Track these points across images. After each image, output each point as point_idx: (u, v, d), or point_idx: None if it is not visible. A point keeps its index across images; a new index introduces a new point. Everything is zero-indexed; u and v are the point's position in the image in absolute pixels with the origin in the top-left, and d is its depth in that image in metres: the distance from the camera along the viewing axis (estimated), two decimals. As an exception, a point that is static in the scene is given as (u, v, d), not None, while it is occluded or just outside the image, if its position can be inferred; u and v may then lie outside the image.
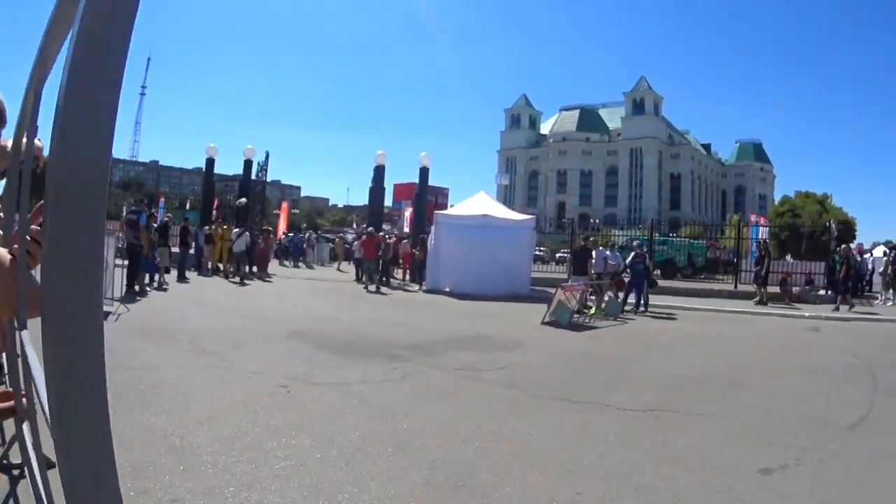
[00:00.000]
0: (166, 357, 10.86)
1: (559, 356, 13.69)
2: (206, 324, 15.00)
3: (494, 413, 8.65)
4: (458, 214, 30.11)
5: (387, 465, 6.36)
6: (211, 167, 40.63)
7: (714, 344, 16.65)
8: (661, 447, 7.46)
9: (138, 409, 7.59)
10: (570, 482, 6.18)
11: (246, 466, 6.04)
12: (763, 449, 7.57)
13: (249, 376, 9.89)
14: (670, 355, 14.48)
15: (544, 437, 7.65)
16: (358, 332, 15.26)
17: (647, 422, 8.61)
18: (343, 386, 9.62)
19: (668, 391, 10.60)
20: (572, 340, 16.15)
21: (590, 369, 12.44)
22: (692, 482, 6.35)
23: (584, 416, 8.73)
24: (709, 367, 13.10)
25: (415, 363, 11.68)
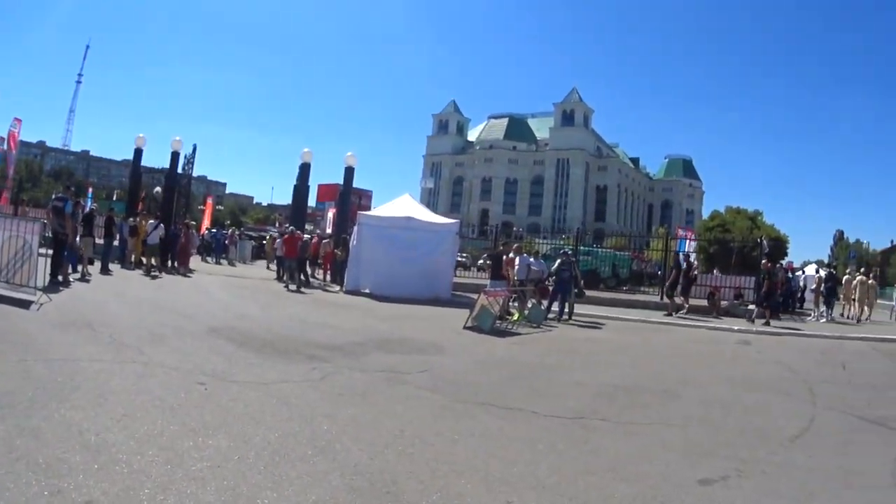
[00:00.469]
0: (85, 350, 10.66)
1: (482, 361, 13.70)
2: (126, 317, 14.81)
3: (418, 417, 8.57)
4: (381, 216, 30.04)
5: (307, 469, 6.22)
6: (139, 158, 39.76)
7: (643, 354, 16.79)
8: (592, 456, 7.44)
9: (55, 402, 7.44)
10: (501, 491, 6.09)
11: (161, 467, 5.89)
12: (701, 459, 7.59)
13: (167, 372, 9.74)
14: (597, 363, 14.66)
15: (470, 444, 7.55)
16: (277, 330, 15.17)
17: (575, 430, 8.58)
18: (262, 385, 9.52)
19: (597, 399, 10.60)
20: (495, 346, 16.17)
21: (514, 375, 12.37)
22: (628, 493, 6.29)
23: (511, 423, 8.66)
24: (638, 375, 13.24)
25: (335, 364, 11.61)
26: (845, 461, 8.00)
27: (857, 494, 6.85)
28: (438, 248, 28.66)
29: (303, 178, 37.09)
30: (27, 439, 6.22)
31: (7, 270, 15.95)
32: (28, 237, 15.88)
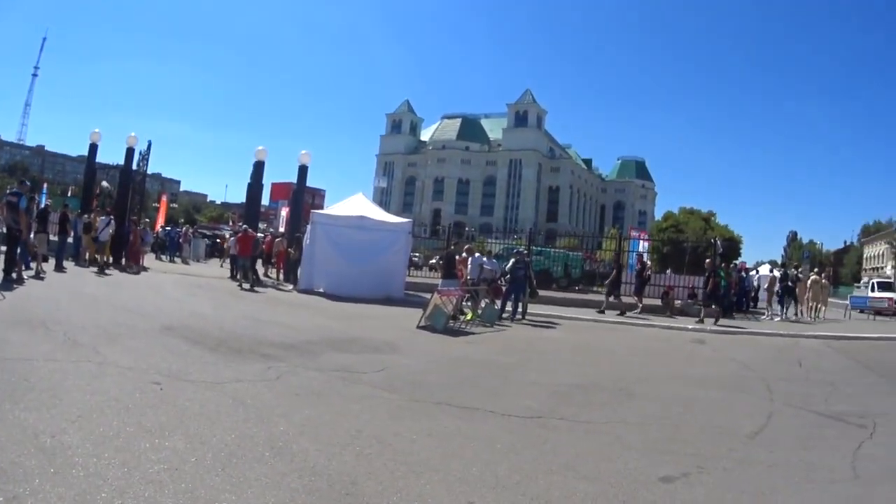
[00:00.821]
0: (39, 348, 10.55)
1: (438, 360, 13.76)
2: (81, 315, 14.65)
3: (375, 417, 8.52)
4: (334, 214, 30.22)
5: (265, 471, 6.14)
6: (94, 153, 39.01)
7: (597, 352, 17.10)
8: (551, 455, 7.41)
9: (9, 403, 7.34)
10: (461, 491, 6.07)
11: (118, 470, 5.79)
12: (662, 457, 7.62)
13: (122, 371, 9.63)
14: (552, 363, 14.79)
15: (429, 443, 7.54)
16: (231, 329, 15.12)
17: (534, 429, 8.58)
18: (217, 385, 9.45)
19: (554, 398, 10.64)
20: (450, 345, 16.28)
21: (470, 374, 12.41)
22: (590, 491, 6.30)
23: (469, 422, 8.66)
24: (594, 374, 13.47)
25: (289, 363, 11.58)
26: (806, 456, 8.12)
27: (818, 489, 6.97)
28: (391, 247, 28.86)
29: (256, 177, 36.76)
30: None
31: None
32: None
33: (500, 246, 43.32)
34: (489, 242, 47.28)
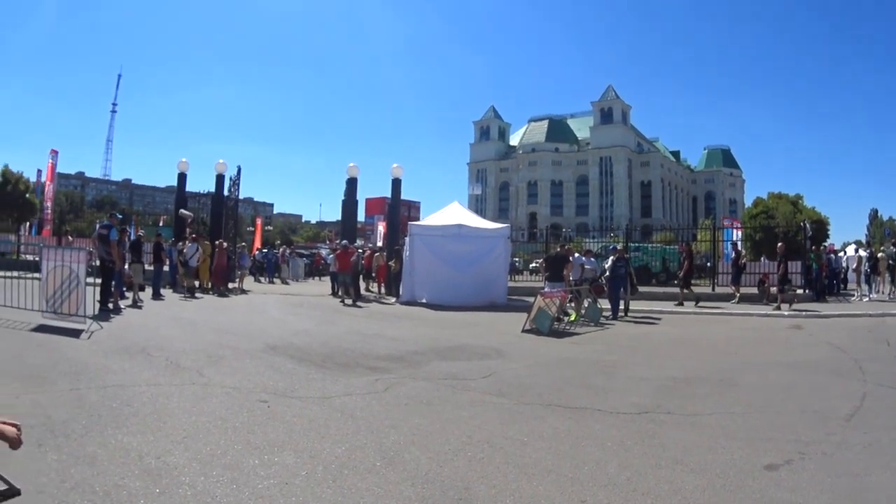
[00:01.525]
0: (141, 374, 10.54)
1: (544, 363, 13.48)
2: (181, 340, 14.66)
3: (485, 422, 8.38)
4: (432, 225, 29.96)
5: (376, 481, 6.07)
6: (183, 182, 39.48)
7: (699, 345, 16.73)
8: (660, 450, 7.28)
9: (111, 428, 7.31)
10: (573, 491, 5.94)
11: (226, 487, 5.75)
12: (765, 445, 7.48)
13: (228, 392, 9.60)
14: (657, 358, 14.43)
15: (539, 445, 7.39)
16: (336, 344, 15.00)
17: (642, 425, 8.44)
18: (325, 399, 9.39)
19: (660, 393, 10.48)
20: (555, 347, 15.95)
21: (577, 375, 12.20)
22: (698, 484, 6.17)
23: (578, 422, 8.51)
24: (697, 367, 13.12)
25: (397, 374, 11.46)
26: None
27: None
28: (491, 253, 28.50)
29: (350, 193, 37.03)
30: (82, 467, 6.09)
31: (54, 300, 15.96)
32: (74, 266, 15.92)
33: (598, 245, 42.56)
34: (586, 242, 46.73)
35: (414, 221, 33.79)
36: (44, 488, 5.57)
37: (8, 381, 9.56)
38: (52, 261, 16.22)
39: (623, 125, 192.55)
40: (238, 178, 37.97)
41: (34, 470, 5.95)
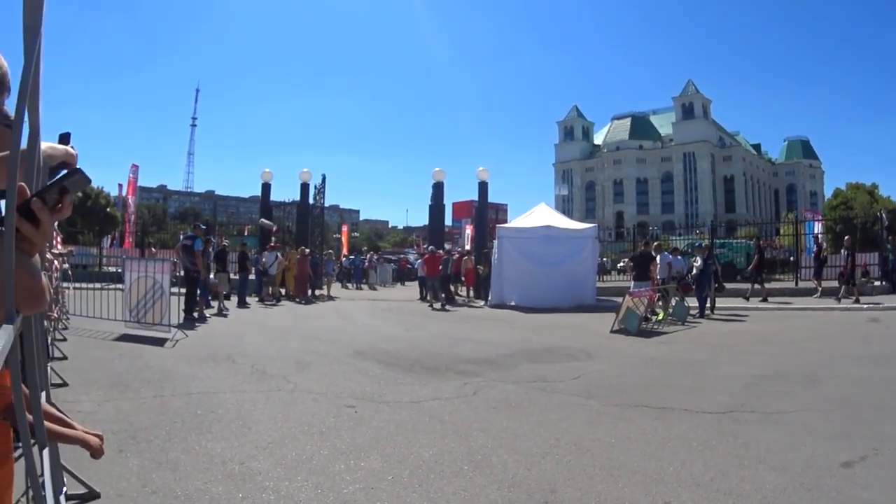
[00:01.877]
0: (226, 381, 10.66)
1: (632, 363, 13.34)
2: (267, 347, 14.79)
3: (573, 424, 8.31)
4: (520, 227, 29.87)
5: (463, 485, 6.04)
6: (267, 192, 40.33)
7: (783, 341, 16.52)
8: (743, 449, 7.23)
9: (195, 434, 7.37)
10: (658, 492, 5.89)
11: (311, 492, 5.75)
12: (843, 442, 7.42)
13: (314, 398, 9.63)
14: (743, 355, 14.30)
15: (626, 447, 7.34)
16: (425, 349, 14.99)
17: (727, 424, 8.39)
18: (413, 404, 9.36)
19: (745, 391, 10.42)
20: (643, 347, 15.81)
21: (664, 374, 12.09)
22: (778, 483, 6.10)
23: (664, 423, 8.45)
24: (781, 364, 13.00)
25: (486, 378, 11.40)
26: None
27: None
28: (579, 254, 28.39)
29: (437, 198, 37.13)
30: (164, 472, 6.14)
31: (138, 311, 16.24)
32: (158, 277, 16.22)
33: (684, 242, 42.29)
34: (672, 240, 46.38)
35: (502, 224, 33.87)
36: (124, 492, 5.61)
37: (91, 390, 9.69)
38: (136, 272, 16.53)
39: (704, 120, 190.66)
40: (323, 186, 38.63)
41: (115, 475, 6.00)
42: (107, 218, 57.93)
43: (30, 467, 2.59)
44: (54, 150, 3.28)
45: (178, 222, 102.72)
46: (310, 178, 38.42)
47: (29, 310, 1.93)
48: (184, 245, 21.46)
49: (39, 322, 3.73)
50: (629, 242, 43.48)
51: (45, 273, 2.00)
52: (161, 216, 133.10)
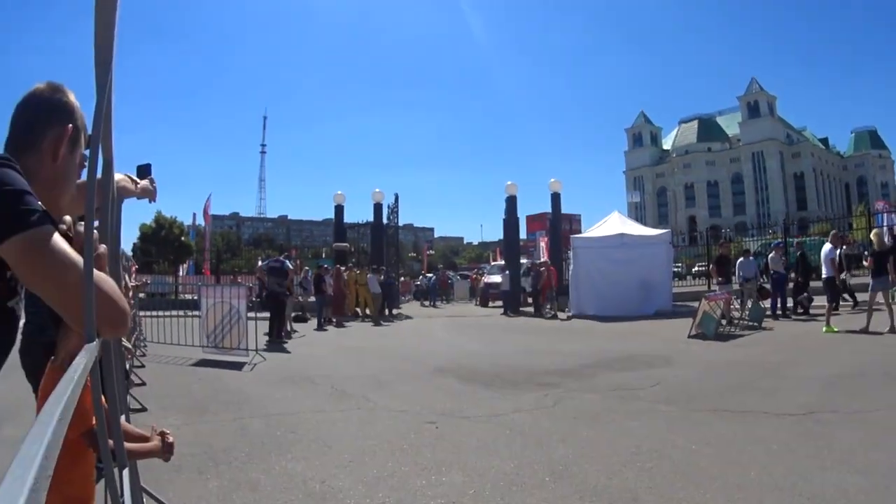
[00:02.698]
0: (305, 402, 10.73)
1: (710, 368, 13.30)
2: (346, 367, 14.88)
3: (653, 431, 8.31)
4: (594, 237, 30.04)
5: (545, 496, 6.04)
6: (340, 214, 40.46)
7: (861, 340, 16.38)
8: (825, 451, 7.11)
9: (275, 455, 7.44)
10: (739, 497, 5.85)
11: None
12: None
13: (394, 415, 9.67)
14: (821, 355, 14.19)
15: (707, 452, 7.31)
16: (505, 363, 14.93)
17: (808, 425, 8.29)
18: (494, 417, 9.36)
19: (825, 391, 10.29)
20: (721, 351, 15.76)
21: (743, 378, 12.00)
22: (862, 485, 5.96)
23: (744, 426, 8.40)
24: (861, 363, 12.81)
25: (565, 388, 11.37)
26: None
27: None
28: (654, 260, 28.36)
29: (510, 212, 36.88)
30: (244, 493, 6.22)
31: (215, 335, 16.49)
32: (234, 302, 16.52)
33: (758, 243, 41.89)
34: (745, 241, 46.05)
35: (576, 234, 33.99)
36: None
37: (170, 414, 9.83)
38: (211, 298, 16.81)
39: (771, 117, 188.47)
40: (396, 206, 39.00)
41: (195, 496, 6.12)
42: (181, 247, 58.90)
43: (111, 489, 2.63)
44: (127, 184, 3.49)
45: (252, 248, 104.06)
46: (382, 198, 38.70)
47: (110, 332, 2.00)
48: (271, 267, 21.72)
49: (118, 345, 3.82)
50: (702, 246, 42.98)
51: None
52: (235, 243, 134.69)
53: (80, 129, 2.28)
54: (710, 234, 45.25)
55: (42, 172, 2.12)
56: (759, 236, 50.82)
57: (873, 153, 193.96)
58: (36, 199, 1.79)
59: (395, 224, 39.84)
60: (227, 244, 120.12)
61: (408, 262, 64.67)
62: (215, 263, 49.35)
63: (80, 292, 1.77)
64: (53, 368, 3.07)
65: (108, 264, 2.24)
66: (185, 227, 62.66)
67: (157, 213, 59.57)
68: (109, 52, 1.93)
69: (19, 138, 2.16)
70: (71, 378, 1.39)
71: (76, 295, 1.78)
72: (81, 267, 1.79)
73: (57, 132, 2.17)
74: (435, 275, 50.89)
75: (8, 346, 2.06)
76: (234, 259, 68.68)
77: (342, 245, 38.94)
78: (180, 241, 59.29)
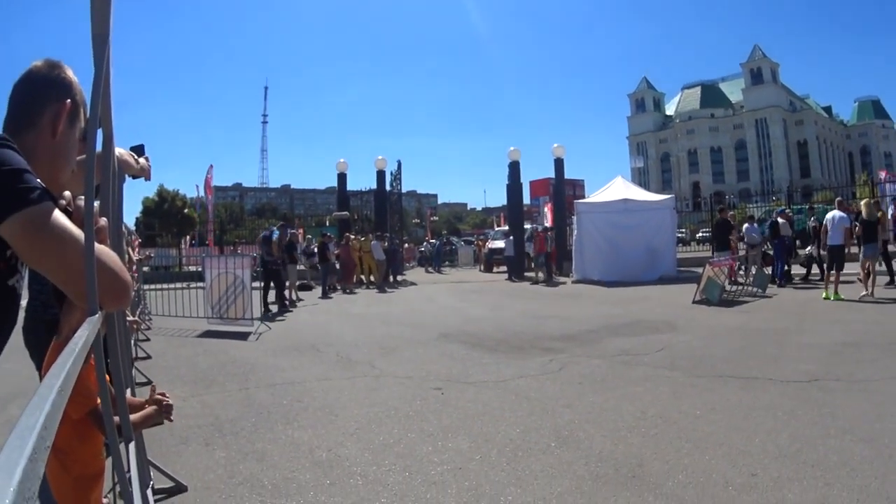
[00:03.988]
0: (311, 371, 10.77)
1: (715, 333, 13.28)
2: (352, 335, 14.88)
3: (658, 397, 8.36)
4: (597, 202, 29.94)
5: (550, 462, 6.09)
6: (343, 182, 40.20)
7: (864, 308, 16.23)
8: (829, 419, 7.12)
9: (281, 424, 7.49)
10: (744, 464, 5.87)
11: (399, 475, 5.88)
12: None
13: (400, 382, 9.73)
14: (825, 323, 14.12)
15: (711, 418, 7.35)
16: (510, 328, 15.03)
17: (812, 393, 8.29)
18: (499, 383, 9.44)
19: (829, 359, 10.25)
20: (725, 317, 15.72)
21: (747, 344, 11.98)
22: (866, 454, 5.96)
23: (749, 393, 8.41)
24: (865, 331, 12.76)
25: (570, 353, 11.43)
26: None
27: None
28: (658, 226, 28.41)
29: (514, 177, 36.96)
30: (251, 463, 6.25)
31: (220, 306, 16.56)
32: (238, 272, 16.54)
33: (762, 210, 41.89)
34: (749, 207, 45.95)
35: (579, 200, 33.99)
36: (211, 484, 5.72)
37: (176, 386, 9.84)
38: (216, 269, 16.87)
39: (774, 84, 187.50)
40: (399, 173, 39.16)
41: (202, 467, 6.13)
42: (184, 219, 58.90)
43: (117, 463, 2.63)
44: (129, 160, 3.60)
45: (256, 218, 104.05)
46: (385, 165, 38.65)
47: (113, 305, 2.03)
48: (263, 237, 21.94)
49: (122, 318, 3.82)
50: (706, 212, 42.99)
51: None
52: (238, 213, 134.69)
53: (78, 104, 2.29)
54: (714, 200, 45.26)
55: (41, 149, 2.14)
56: (762, 203, 50.78)
57: (877, 123, 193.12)
58: (35, 176, 1.80)
59: (399, 191, 40.12)
60: (231, 215, 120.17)
61: (412, 229, 64.38)
62: (219, 235, 49.31)
63: (82, 267, 1.78)
64: (57, 344, 3.07)
65: (109, 238, 2.23)
66: (188, 199, 62.60)
67: (159, 187, 59.59)
68: (106, 26, 1.93)
69: (18, 116, 2.18)
70: (72, 350, 1.39)
71: (78, 270, 1.79)
72: (82, 242, 1.80)
73: (55, 108, 2.18)
74: (438, 241, 50.91)
75: (10, 325, 2.07)
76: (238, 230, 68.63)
77: (342, 213, 38.89)
78: (183, 213, 59.27)
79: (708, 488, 5.37)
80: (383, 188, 38.59)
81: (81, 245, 1.79)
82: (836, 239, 18.53)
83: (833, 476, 5.48)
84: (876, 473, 5.49)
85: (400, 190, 39.97)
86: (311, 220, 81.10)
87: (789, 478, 5.51)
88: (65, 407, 1.16)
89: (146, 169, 4.02)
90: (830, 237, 18.57)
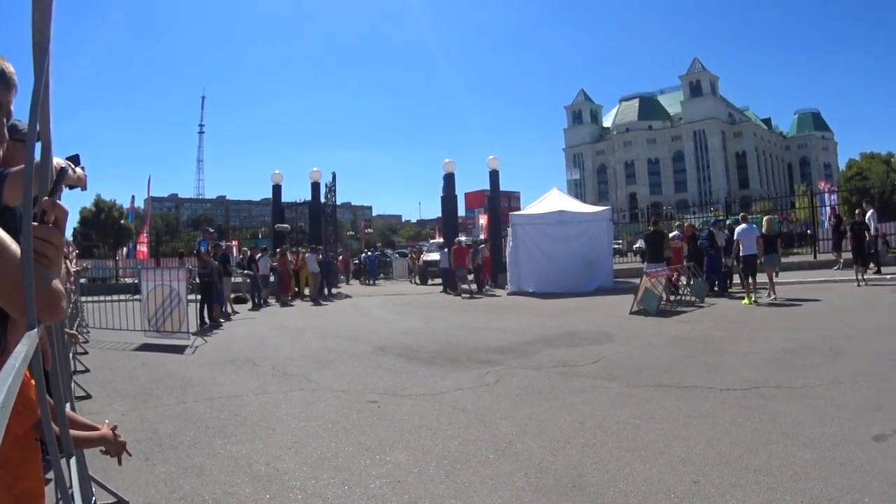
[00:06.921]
0: (248, 384, 10.72)
1: (653, 344, 13.41)
2: (288, 348, 14.87)
3: (596, 407, 8.41)
4: (533, 214, 30.00)
5: (490, 473, 6.11)
6: (278, 194, 40.28)
7: (804, 315, 16.60)
8: (770, 425, 7.24)
9: (219, 439, 7.44)
10: (686, 471, 5.92)
11: (337, 489, 5.87)
12: (873, 415, 7.36)
13: (337, 395, 9.70)
14: (764, 330, 14.34)
15: (652, 427, 7.39)
16: (444, 340, 15.09)
17: (752, 400, 8.39)
18: (436, 396, 9.45)
19: (769, 366, 10.40)
20: (664, 327, 15.87)
21: (686, 353, 12.09)
22: (808, 458, 6.09)
23: (689, 401, 8.49)
24: (803, 337, 12.97)
25: (507, 365, 11.47)
26: None
27: None
28: (594, 237, 28.52)
29: (448, 189, 36.96)
30: (191, 478, 6.22)
31: (156, 319, 16.42)
32: (174, 285, 16.40)
33: (700, 220, 42.20)
34: (687, 218, 46.47)
35: (515, 212, 34.11)
36: (152, 499, 5.71)
37: (115, 400, 9.81)
38: (152, 281, 16.73)
39: (713, 97, 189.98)
40: (334, 185, 39.20)
41: (143, 483, 6.10)
42: (121, 230, 58.48)
43: (59, 479, 2.62)
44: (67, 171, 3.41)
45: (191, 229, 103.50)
46: (320, 177, 38.72)
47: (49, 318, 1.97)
48: (197, 251, 21.97)
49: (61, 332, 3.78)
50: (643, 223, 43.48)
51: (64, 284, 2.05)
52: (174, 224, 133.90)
53: None
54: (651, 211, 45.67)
55: None
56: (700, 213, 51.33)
57: (816, 134, 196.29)
58: None
59: (333, 203, 40.11)
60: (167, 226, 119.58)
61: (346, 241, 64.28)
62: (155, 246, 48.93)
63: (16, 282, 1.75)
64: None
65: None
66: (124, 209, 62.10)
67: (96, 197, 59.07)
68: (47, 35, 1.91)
69: None
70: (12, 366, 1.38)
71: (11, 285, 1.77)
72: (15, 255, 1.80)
73: None
74: (373, 253, 50.82)
75: None
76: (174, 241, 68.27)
77: (283, 226, 38.98)
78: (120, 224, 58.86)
79: (650, 497, 5.42)
80: (318, 200, 38.70)
81: (15, 259, 1.79)
82: (750, 249, 19.64)
83: (776, 481, 5.58)
84: (818, 477, 5.60)
85: (334, 202, 40.13)
86: (247, 231, 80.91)
87: (732, 484, 5.57)
88: (7, 422, 1.15)
89: (82, 179, 4.01)
90: (745, 248, 19.66)
